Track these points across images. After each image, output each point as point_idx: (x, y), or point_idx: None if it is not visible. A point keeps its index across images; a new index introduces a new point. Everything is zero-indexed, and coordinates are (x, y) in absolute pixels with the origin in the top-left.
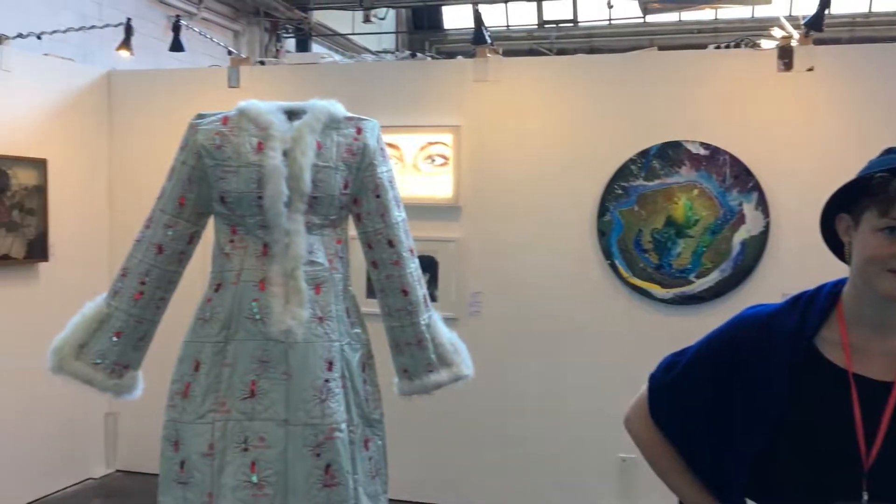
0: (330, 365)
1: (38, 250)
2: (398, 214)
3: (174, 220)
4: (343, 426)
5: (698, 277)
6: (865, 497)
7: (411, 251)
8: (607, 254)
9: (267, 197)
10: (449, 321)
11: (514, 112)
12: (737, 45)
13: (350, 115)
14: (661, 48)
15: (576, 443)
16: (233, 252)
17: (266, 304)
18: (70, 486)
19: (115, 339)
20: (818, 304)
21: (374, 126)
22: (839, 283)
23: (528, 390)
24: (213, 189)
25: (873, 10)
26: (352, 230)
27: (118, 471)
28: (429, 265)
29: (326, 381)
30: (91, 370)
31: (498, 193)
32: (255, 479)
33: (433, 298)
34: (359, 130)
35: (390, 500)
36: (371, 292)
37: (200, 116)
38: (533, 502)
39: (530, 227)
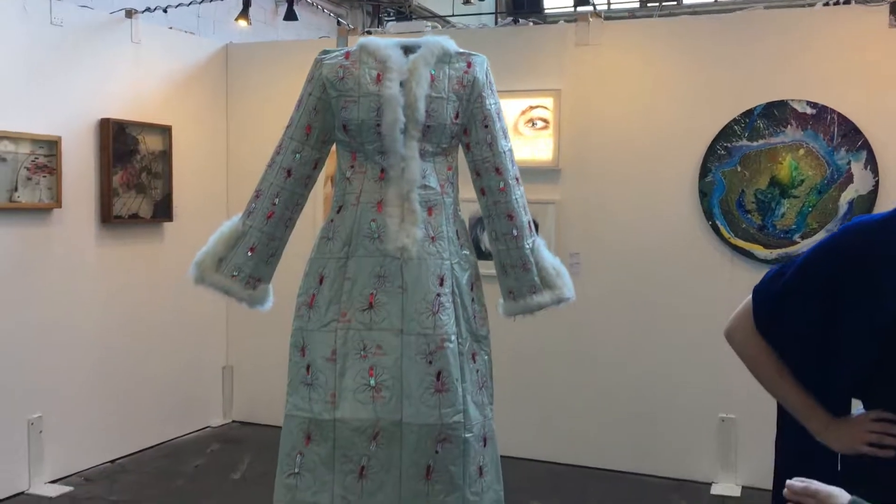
0: (441, 281)
1: (163, 210)
2: (505, 144)
3: (301, 146)
4: (453, 337)
5: (803, 238)
6: None
7: (517, 179)
8: (708, 215)
9: (385, 124)
10: None
11: (616, 75)
12: (846, 1)
13: (461, 50)
14: None
15: (675, 402)
16: (353, 176)
17: (383, 224)
18: (191, 433)
19: (249, 254)
20: None
21: (483, 61)
22: None
23: (627, 350)
24: (336, 118)
25: None
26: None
27: (234, 421)
28: None
29: (438, 295)
30: (229, 281)
31: (598, 155)
32: (373, 382)
33: None
34: (469, 65)
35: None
36: (484, 255)
37: (325, 52)
38: (630, 460)
39: (630, 188)
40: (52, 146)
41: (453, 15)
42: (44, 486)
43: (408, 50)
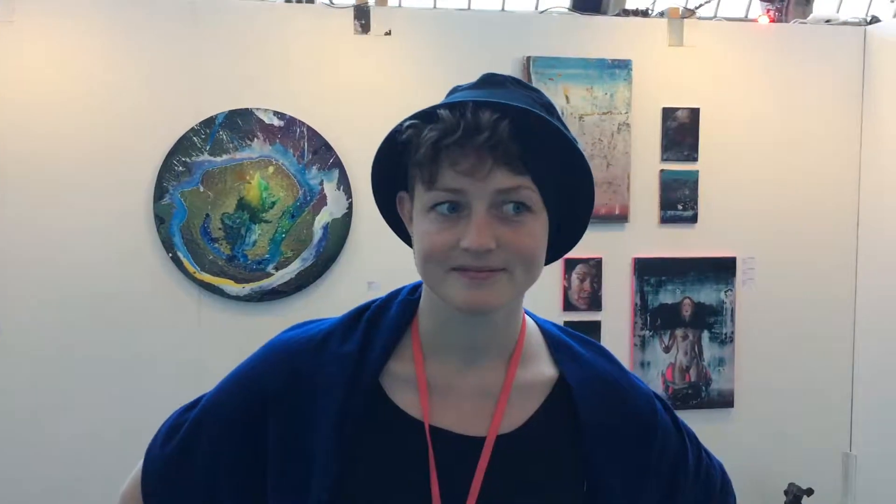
0: None
1: None
2: None
3: None
4: None
5: (278, 269)
6: None
7: None
8: (168, 245)
9: None
10: None
11: (34, 65)
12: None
13: None
14: None
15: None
16: None
17: None
18: None
19: None
20: (387, 321)
21: None
22: (420, 288)
23: (85, 424)
24: None
25: None
26: None
27: None
28: None
29: None
30: None
31: (15, 171)
32: None
33: None
34: None
35: None
36: None
37: None
38: None
39: (70, 212)
40: None
41: None
42: None
43: None
